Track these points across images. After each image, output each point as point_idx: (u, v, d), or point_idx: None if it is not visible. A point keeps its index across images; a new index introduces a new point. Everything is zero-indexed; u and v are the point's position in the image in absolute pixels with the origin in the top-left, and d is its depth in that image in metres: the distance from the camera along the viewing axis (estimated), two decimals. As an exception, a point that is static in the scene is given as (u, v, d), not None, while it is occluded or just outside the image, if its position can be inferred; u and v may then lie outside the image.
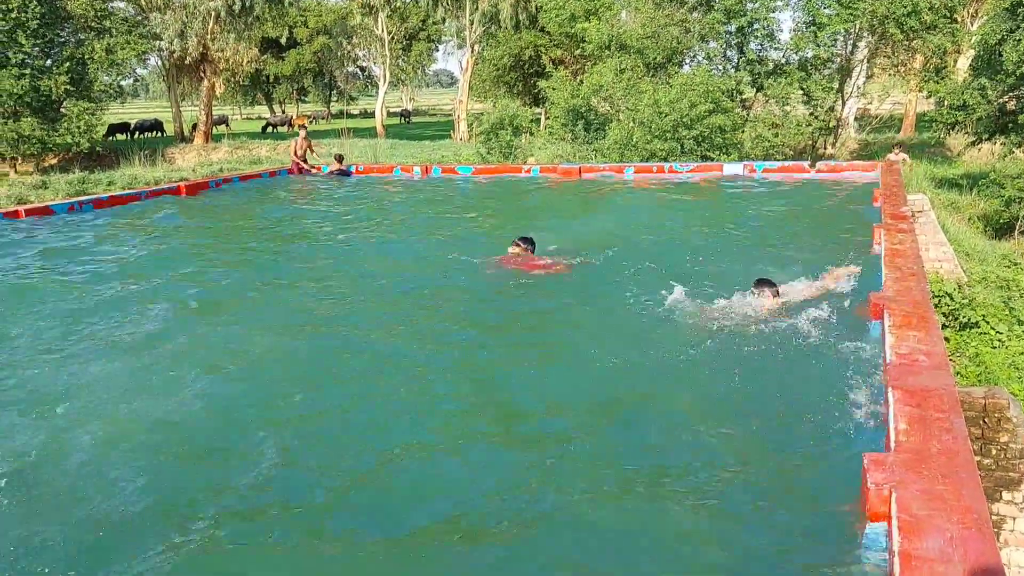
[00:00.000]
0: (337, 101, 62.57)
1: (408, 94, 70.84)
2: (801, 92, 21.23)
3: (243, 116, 68.30)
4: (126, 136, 40.03)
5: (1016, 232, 15.94)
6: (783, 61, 21.60)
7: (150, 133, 42.16)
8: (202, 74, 34.26)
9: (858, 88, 23.65)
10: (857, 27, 21.57)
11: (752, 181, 12.89)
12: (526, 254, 7.18)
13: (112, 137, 37.53)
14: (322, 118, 58.97)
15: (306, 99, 66.68)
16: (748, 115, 21.09)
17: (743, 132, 19.30)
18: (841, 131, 23.60)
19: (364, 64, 55.39)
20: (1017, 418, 5.02)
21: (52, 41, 27.91)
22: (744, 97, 22.03)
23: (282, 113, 57.30)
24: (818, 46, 20.82)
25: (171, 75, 35.62)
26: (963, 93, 18.70)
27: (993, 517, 4.87)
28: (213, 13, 31.81)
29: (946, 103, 19.69)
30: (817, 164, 13.58)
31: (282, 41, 46.67)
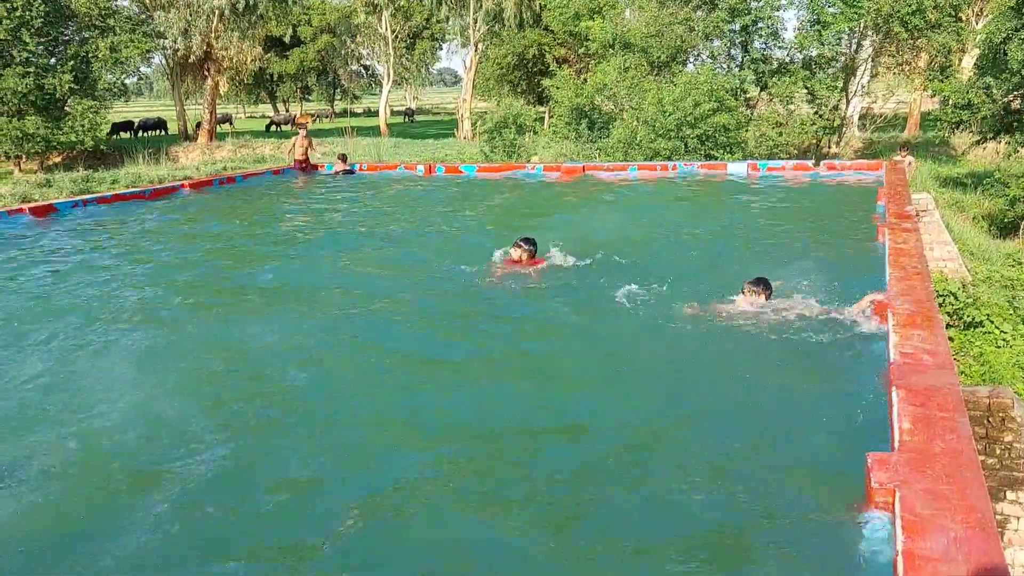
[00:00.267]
0: (341, 100, 62.59)
1: (412, 93, 70.83)
2: (805, 91, 21.20)
3: (247, 115, 68.38)
4: (130, 134, 40.10)
5: (1021, 231, 15.90)
6: (787, 60, 21.58)
7: (154, 131, 42.22)
8: (206, 72, 34.31)
9: (862, 87, 23.60)
10: (862, 26, 21.52)
11: (756, 180, 12.87)
12: (528, 255, 7.11)
13: (116, 135, 37.61)
14: (326, 117, 59.01)
15: (310, 98, 66.69)
16: (752, 114, 21.06)
17: (747, 131, 19.26)
18: (845, 130, 23.56)
19: (368, 63, 55.49)
20: (1021, 417, 5.01)
21: (56, 39, 27.97)
22: (748, 96, 22.00)
23: (286, 111, 57.34)
24: (823, 45, 20.78)
25: (175, 73, 35.69)
26: (968, 92, 18.66)
27: (997, 517, 4.86)
28: (217, 11, 31.84)
29: (951, 102, 19.65)
30: (821, 163, 13.55)
31: (286, 39, 46.67)
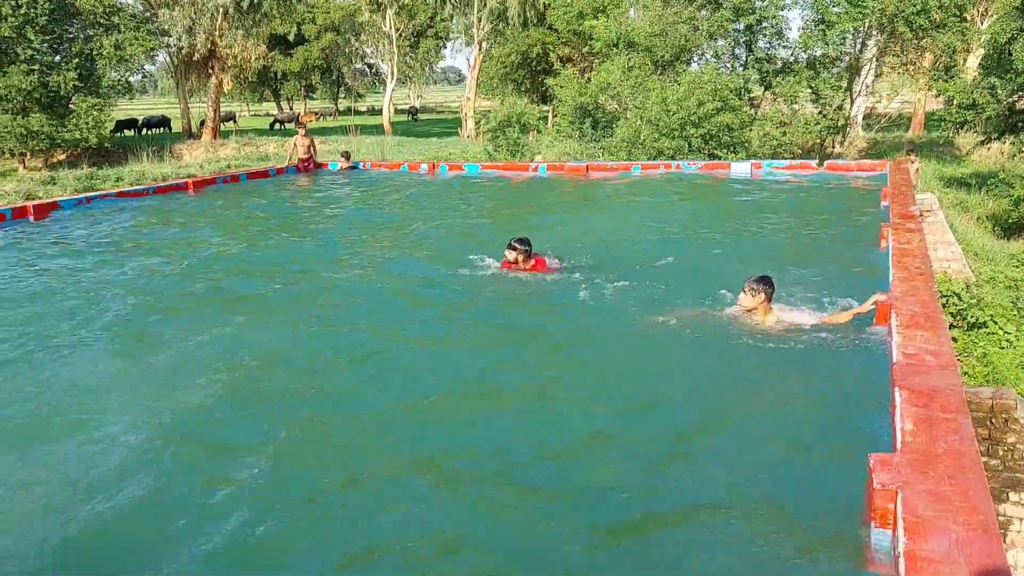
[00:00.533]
0: (345, 98, 62.64)
1: (415, 91, 70.88)
2: (809, 90, 21.18)
3: (251, 112, 68.47)
4: (134, 132, 40.16)
5: (1025, 232, 15.87)
6: (792, 59, 21.55)
7: (158, 129, 42.26)
8: (210, 70, 34.34)
9: (867, 87, 23.59)
10: (866, 25, 21.50)
11: (759, 180, 12.84)
12: (524, 256, 7.03)
13: (120, 133, 37.67)
14: (329, 115, 59.04)
15: (314, 96, 66.78)
16: (756, 113, 21.04)
17: (751, 130, 19.25)
18: (849, 130, 23.54)
19: (372, 61, 55.55)
20: (1025, 419, 4.99)
21: (61, 37, 28.03)
22: (752, 95, 21.98)
23: (290, 110, 57.38)
24: (827, 44, 20.76)
25: (179, 71, 35.72)
26: (972, 92, 18.63)
27: (1000, 518, 4.85)
28: (221, 9, 31.87)
29: (955, 102, 19.62)
30: (825, 163, 13.53)
31: (290, 38, 46.71)
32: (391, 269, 7.67)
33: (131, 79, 32.43)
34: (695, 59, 22.88)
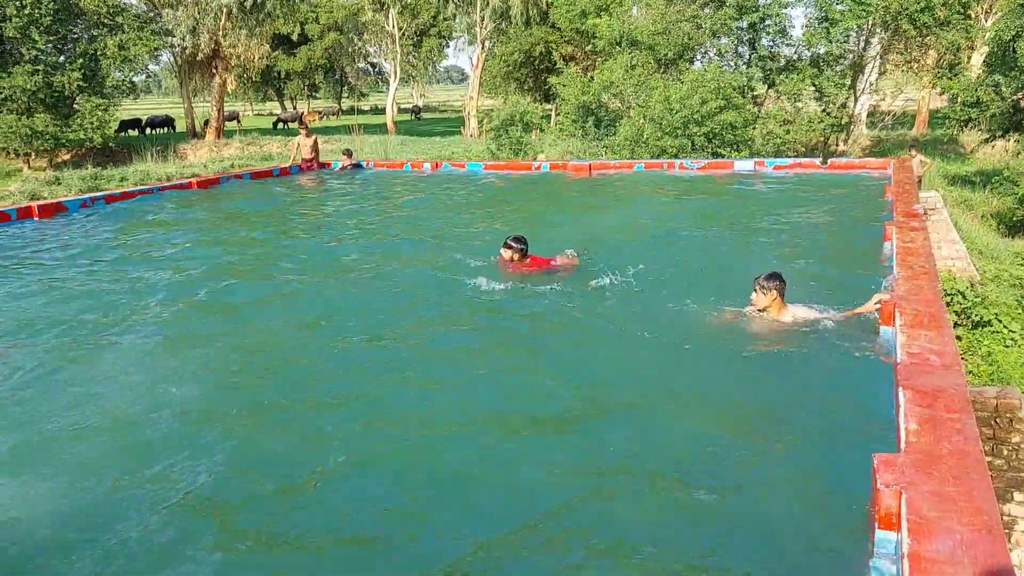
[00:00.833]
0: (348, 97, 62.64)
1: (419, 90, 70.86)
2: (813, 88, 21.13)
3: (254, 112, 68.51)
4: (138, 132, 40.22)
5: (1030, 230, 15.83)
6: (795, 57, 21.50)
7: (161, 129, 42.33)
8: (214, 70, 34.35)
9: (871, 84, 23.53)
10: (870, 23, 21.45)
11: (762, 178, 12.83)
12: (519, 255, 7.00)
13: (124, 133, 37.72)
14: (333, 114, 59.07)
15: (317, 95, 66.83)
16: (759, 111, 21.00)
17: (754, 129, 19.22)
18: (853, 128, 23.48)
19: (375, 60, 55.54)
20: (1029, 418, 4.98)
21: (65, 37, 28.06)
22: (756, 93, 21.94)
23: (293, 109, 57.42)
24: (830, 42, 20.70)
25: (183, 71, 35.72)
26: (977, 90, 18.59)
27: (1004, 519, 4.84)
28: (225, 9, 31.88)
29: (959, 100, 19.58)
30: (829, 161, 13.50)
31: (293, 37, 46.73)
32: (392, 268, 7.67)
33: (135, 79, 32.46)
34: (698, 57, 22.85)
